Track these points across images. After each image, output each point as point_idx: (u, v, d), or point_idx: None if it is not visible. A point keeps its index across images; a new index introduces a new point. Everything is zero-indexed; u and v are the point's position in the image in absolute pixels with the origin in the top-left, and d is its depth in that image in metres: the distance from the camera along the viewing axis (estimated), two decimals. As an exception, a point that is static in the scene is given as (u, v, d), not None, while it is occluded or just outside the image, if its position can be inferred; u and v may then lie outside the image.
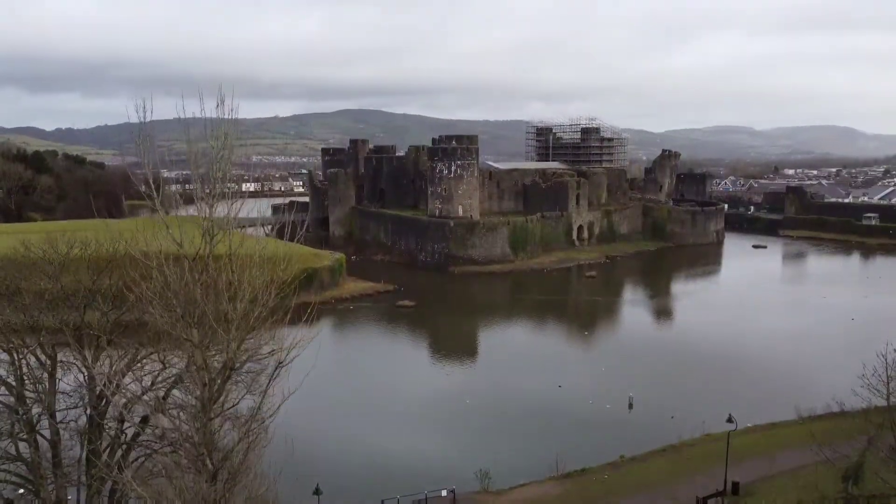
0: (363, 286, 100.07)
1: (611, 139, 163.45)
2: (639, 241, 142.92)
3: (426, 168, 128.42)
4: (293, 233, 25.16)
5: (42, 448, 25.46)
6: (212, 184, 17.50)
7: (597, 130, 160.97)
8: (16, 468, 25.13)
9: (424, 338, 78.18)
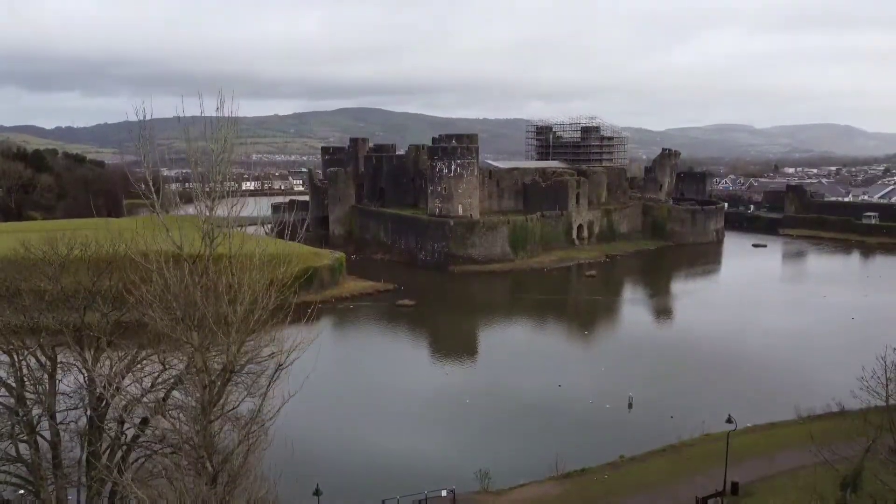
0: (363, 285, 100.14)
1: (611, 138, 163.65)
2: (639, 240, 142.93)
3: (426, 167, 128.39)
4: (293, 233, 25.21)
5: (42, 449, 25.46)
6: (212, 187, 17.48)
7: (597, 129, 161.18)
8: (16, 469, 25.15)
9: (424, 337, 78.21)
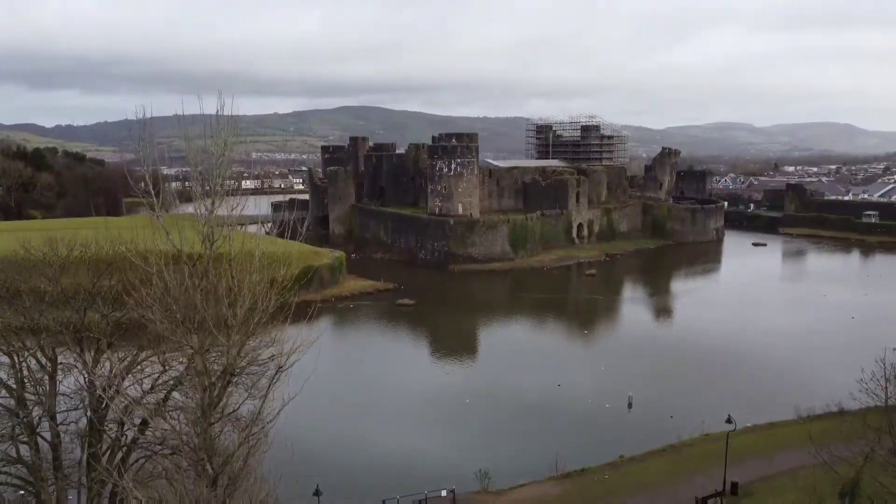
0: (363, 284, 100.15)
1: (611, 137, 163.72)
2: (638, 239, 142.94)
3: (426, 166, 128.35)
4: (294, 232, 25.27)
5: (42, 450, 25.48)
6: (212, 191, 17.49)
7: (597, 128, 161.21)
8: (16, 471, 25.16)
9: (424, 336, 78.22)
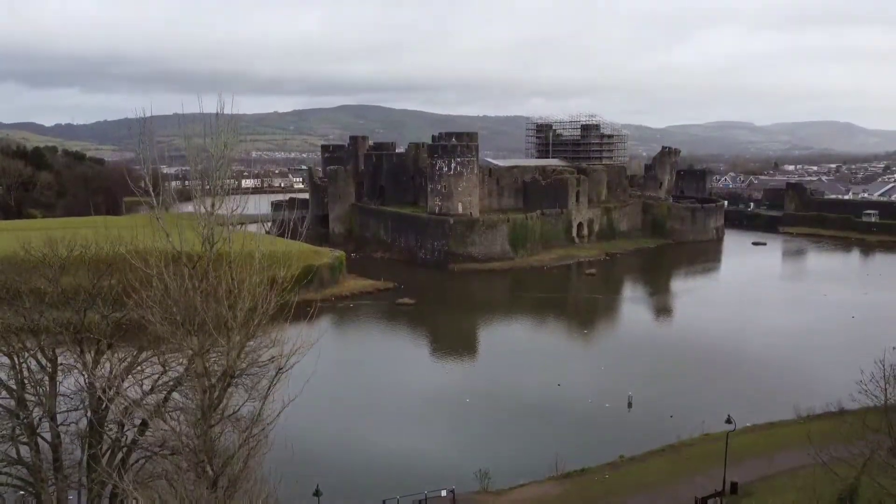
0: (363, 284, 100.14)
1: (611, 136, 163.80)
2: (638, 238, 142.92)
3: (426, 165, 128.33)
4: (294, 232, 25.31)
5: (42, 451, 25.50)
6: (212, 192, 17.49)
7: (597, 127, 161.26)
8: (17, 471, 25.18)
9: (424, 336, 78.24)
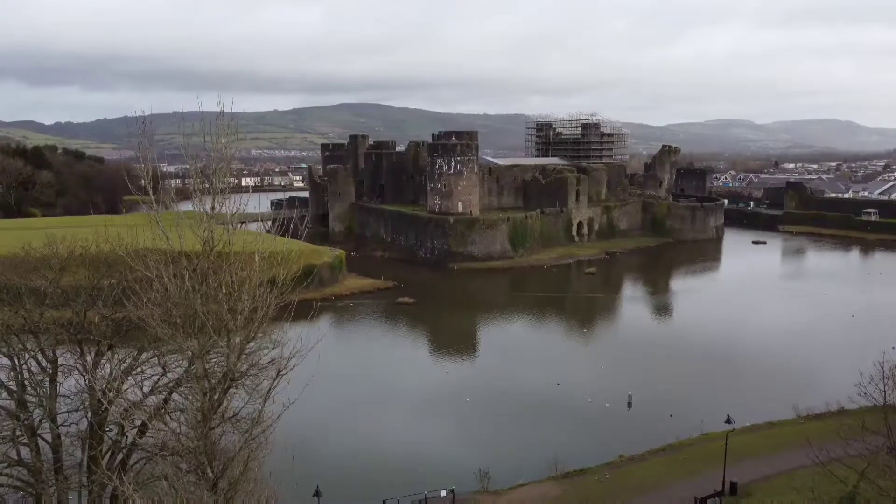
0: (363, 283, 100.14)
1: (610, 134, 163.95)
2: (638, 237, 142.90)
3: (426, 164, 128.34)
4: (295, 231, 25.44)
5: (43, 452, 25.54)
6: (212, 196, 17.52)
7: (597, 126, 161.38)
8: (17, 473, 25.21)
9: (424, 335, 78.27)
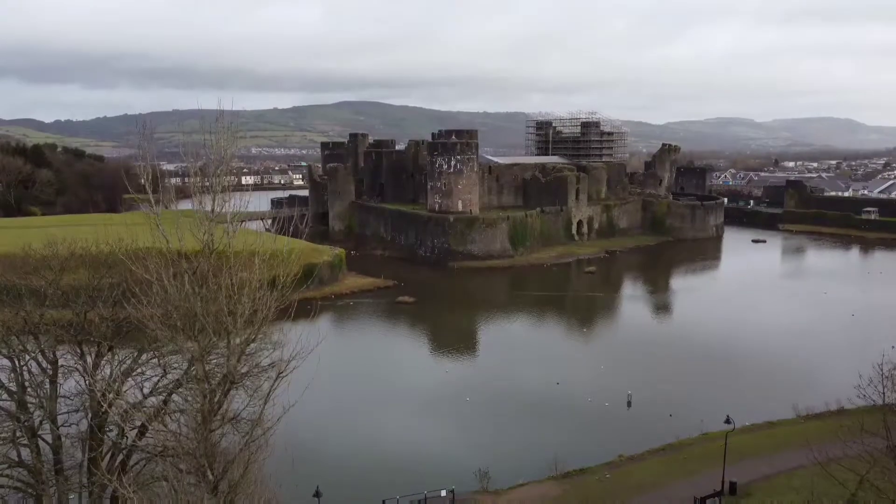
0: (363, 282, 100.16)
1: (610, 133, 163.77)
2: (638, 236, 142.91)
3: (426, 163, 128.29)
4: (296, 231, 25.49)
5: (43, 452, 25.54)
6: (212, 199, 17.51)
7: (597, 124, 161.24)
8: (17, 474, 25.22)
9: (424, 335, 78.28)
